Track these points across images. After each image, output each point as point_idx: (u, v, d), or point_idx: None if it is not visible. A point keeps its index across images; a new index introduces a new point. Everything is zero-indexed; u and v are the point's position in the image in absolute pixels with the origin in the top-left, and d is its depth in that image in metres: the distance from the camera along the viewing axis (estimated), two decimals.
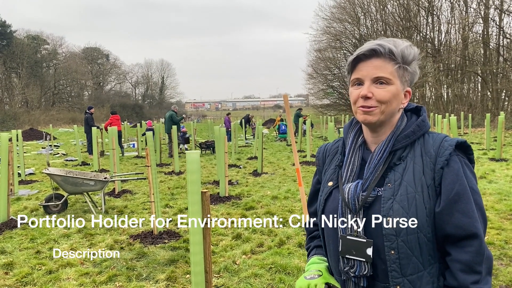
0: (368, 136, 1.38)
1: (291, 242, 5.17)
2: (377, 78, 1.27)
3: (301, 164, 11.48)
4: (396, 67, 1.28)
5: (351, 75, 1.33)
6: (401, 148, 1.29)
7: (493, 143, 15.06)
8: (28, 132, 27.89)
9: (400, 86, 1.30)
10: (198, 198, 3.08)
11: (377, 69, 1.27)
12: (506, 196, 7.16)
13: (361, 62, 1.30)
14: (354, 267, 1.27)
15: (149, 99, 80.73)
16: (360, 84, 1.30)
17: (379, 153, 1.30)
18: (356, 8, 41.64)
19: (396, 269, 1.21)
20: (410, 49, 1.30)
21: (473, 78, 33.67)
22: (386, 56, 1.28)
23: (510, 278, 3.94)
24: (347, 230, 1.29)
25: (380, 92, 1.27)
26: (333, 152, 1.48)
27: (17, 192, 8.66)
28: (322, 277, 1.33)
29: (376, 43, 1.28)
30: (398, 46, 1.28)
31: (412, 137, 1.29)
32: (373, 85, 1.28)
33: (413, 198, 1.21)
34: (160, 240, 5.36)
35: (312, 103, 57.49)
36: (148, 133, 6.95)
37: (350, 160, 1.36)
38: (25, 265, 4.59)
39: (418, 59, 1.33)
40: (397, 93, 1.29)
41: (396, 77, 1.28)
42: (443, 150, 1.24)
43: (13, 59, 50.31)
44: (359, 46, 1.38)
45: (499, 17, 30.19)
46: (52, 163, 13.72)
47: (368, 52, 1.28)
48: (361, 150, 1.37)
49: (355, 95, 1.30)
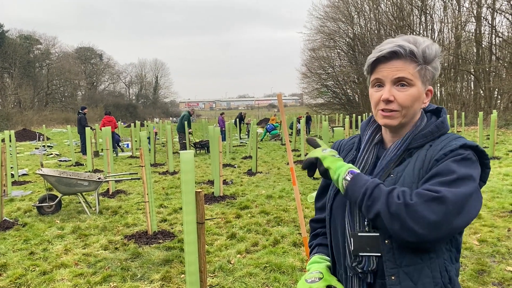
0: (386, 135, 1.36)
1: (286, 241, 5.18)
2: (398, 79, 1.25)
3: (295, 163, 11.50)
4: (417, 68, 1.25)
5: (371, 75, 1.31)
6: (416, 147, 1.28)
7: (486, 141, 15.15)
8: (21, 133, 27.72)
9: (421, 87, 1.27)
10: (192, 198, 3.08)
11: (398, 70, 1.24)
12: (499, 194, 7.22)
13: (381, 64, 1.27)
14: (362, 262, 1.24)
15: (143, 99, 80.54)
16: (380, 86, 1.28)
17: (394, 150, 1.29)
18: (350, 7, 41.76)
19: (391, 258, 1.20)
20: (432, 47, 1.27)
21: (466, 77, 33.86)
22: (407, 57, 1.25)
23: (503, 275, 3.97)
24: (355, 226, 1.26)
25: (402, 96, 1.25)
26: (348, 148, 1.47)
27: (11, 193, 8.61)
28: (323, 279, 1.31)
29: (397, 44, 1.25)
30: (419, 46, 1.25)
31: (429, 137, 1.27)
32: (394, 87, 1.25)
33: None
34: (155, 240, 5.35)
35: (306, 102, 57.59)
36: (142, 133, 6.82)
37: (364, 156, 1.35)
38: (18, 266, 4.56)
39: (439, 56, 1.29)
40: (419, 95, 1.27)
41: (418, 78, 1.26)
42: (448, 146, 1.21)
43: (5, 59, 49.93)
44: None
45: (491, 16, 30.39)
46: (45, 164, 13.65)
47: (388, 55, 1.25)
48: (376, 148, 1.36)
49: (376, 97, 1.28)
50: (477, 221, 5.67)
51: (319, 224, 1.55)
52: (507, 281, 3.88)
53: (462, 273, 4.06)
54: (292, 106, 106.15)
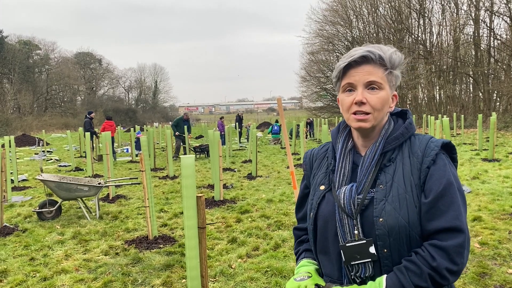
0: (358, 140, 1.41)
1: (287, 245, 5.17)
2: (370, 82, 1.31)
3: (295, 167, 11.49)
4: (386, 72, 1.33)
5: (342, 81, 1.36)
6: (390, 150, 1.34)
7: (485, 144, 15.16)
8: (20, 138, 27.66)
9: (389, 91, 1.35)
10: (193, 203, 3.08)
11: (369, 74, 1.31)
12: (499, 196, 7.21)
13: (352, 69, 1.33)
14: (359, 271, 1.28)
15: (143, 104, 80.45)
16: (351, 90, 1.34)
17: (370, 155, 1.33)
18: (348, 11, 41.86)
19: (389, 264, 1.25)
20: (397, 53, 1.35)
21: (464, 79, 33.91)
22: (377, 62, 1.32)
23: (504, 278, 3.97)
24: (346, 237, 1.30)
25: (373, 99, 1.31)
26: (321, 157, 1.52)
27: (10, 198, 8.59)
28: (311, 278, 1.34)
29: (366, 50, 1.31)
30: (386, 52, 1.33)
31: (401, 138, 1.34)
32: (366, 90, 1.31)
33: (404, 198, 1.25)
34: (156, 245, 5.34)
35: (305, 105, 57.59)
36: (142, 138, 6.69)
37: (342, 164, 1.39)
38: (19, 272, 4.55)
39: (403, 63, 1.37)
40: (387, 98, 1.34)
41: (386, 82, 1.33)
42: (429, 150, 1.29)
43: (4, 64, 49.91)
44: (352, 48, 1.40)
45: (489, 19, 30.47)
46: (45, 169, 13.63)
47: (359, 59, 1.31)
48: (351, 155, 1.40)
49: (348, 101, 1.34)
50: (478, 224, 5.67)
51: (302, 231, 1.59)
52: (508, 283, 3.87)
53: (463, 276, 4.05)
54: (291, 109, 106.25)
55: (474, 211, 6.31)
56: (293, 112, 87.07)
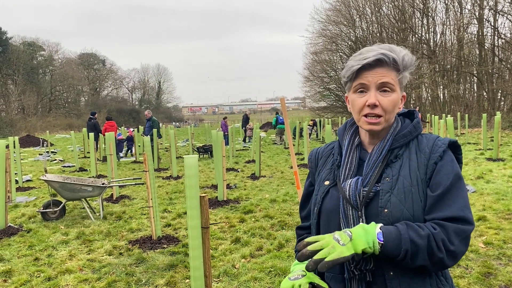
0: (365, 138, 1.42)
1: (290, 245, 5.16)
2: (383, 84, 1.32)
3: (299, 167, 11.48)
4: (399, 76, 1.34)
5: (353, 81, 1.36)
6: (398, 147, 1.35)
7: (490, 143, 15.09)
8: (25, 139, 27.79)
9: (399, 93, 1.37)
10: (196, 203, 3.08)
11: (383, 76, 1.32)
12: (504, 196, 7.18)
13: (365, 71, 1.33)
14: (360, 263, 1.27)
15: (146, 104, 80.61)
16: (363, 91, 1.34)
17: (378, 151, 1.35)
18: (352, 10, 41.75)
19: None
20: (409, 55, 1.36)
21: (468, 79, 33.77)
22: (391, 65, 1.33)
23: (509, 278, 3.94)
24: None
25: (385, 101, 1.32)
26: (326, 155, 1.53)
27: (15, 199, 8.63)
28: (306, 276, 1.32)
29: (380, 52, 1.31)
30: (399, 54, 1.33)
31: (409, 136, 1.36)
32: (378, 92, 1.32)
33: (409, 191, 1.26)
34: (159, 245, 5.34)
35: (309, 105, 57.51)
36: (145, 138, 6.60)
37: (348, 159, 1.40)
38: (23, 272, 4.57)
39: (413, 64, 1.38)
40: (398, 100, 1.36)
41: (398, 84, 1.35)
42: (436, 147, 1.32)
43: (9, 65, 50.14)
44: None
45: (493, 18, 30.33)
46: (49, 170, 13.69)
47: (373, 62, 1.31)
48: (358, 151, 1.42)
49: (360, 103, 1.34)
50: (483, 224, 5.64)
51: (304, 230, 1.60)
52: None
53: (468, 276, 4.03)
54: (295, 109, 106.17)
55: (478, 211, 6.28)
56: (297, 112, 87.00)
